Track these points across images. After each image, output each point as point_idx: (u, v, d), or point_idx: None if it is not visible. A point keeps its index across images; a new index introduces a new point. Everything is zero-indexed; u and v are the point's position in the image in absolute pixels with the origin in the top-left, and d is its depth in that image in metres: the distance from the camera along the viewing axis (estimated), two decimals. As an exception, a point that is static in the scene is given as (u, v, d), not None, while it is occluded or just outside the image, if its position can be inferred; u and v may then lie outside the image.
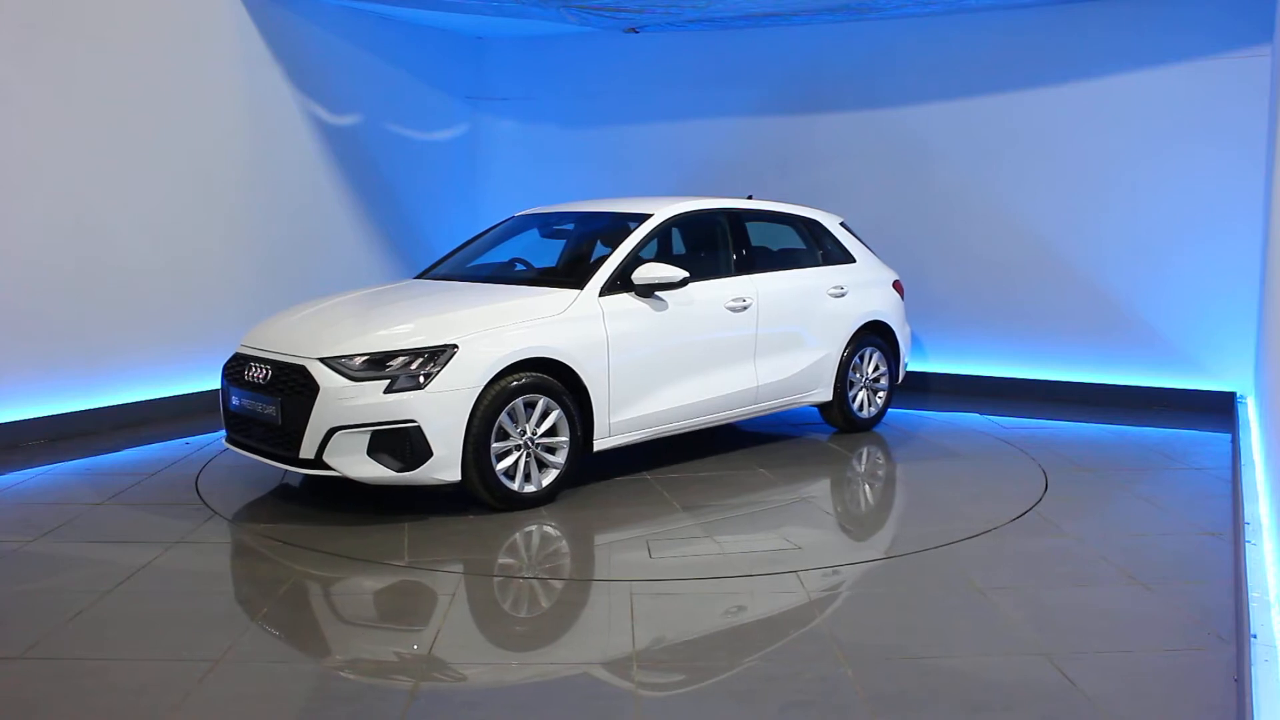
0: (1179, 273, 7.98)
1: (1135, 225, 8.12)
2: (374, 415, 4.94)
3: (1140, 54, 8.00)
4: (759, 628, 4.01)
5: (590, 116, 9.94)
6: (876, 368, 7.21)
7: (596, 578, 4.47)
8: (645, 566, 4.57)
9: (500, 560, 4.70)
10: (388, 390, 4.94)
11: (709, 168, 9.44)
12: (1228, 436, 7.04)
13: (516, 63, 10.17)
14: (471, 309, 5.45)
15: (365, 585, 4.42)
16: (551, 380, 5.30)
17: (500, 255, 6.72)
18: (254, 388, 5.29)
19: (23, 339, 6.64)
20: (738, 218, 6.68)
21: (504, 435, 5.16)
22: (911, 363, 8.83)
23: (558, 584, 4.44)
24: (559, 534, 5.05)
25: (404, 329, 5.26)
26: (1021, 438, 7.09)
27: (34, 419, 6.69)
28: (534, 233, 6.89)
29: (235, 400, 5.45)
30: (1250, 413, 7.27)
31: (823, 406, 7.02)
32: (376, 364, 5.00)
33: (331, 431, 4.95)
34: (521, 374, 5.19)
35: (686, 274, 5.82)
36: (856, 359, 7.02)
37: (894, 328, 7.33)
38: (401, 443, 4.97)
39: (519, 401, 5.18)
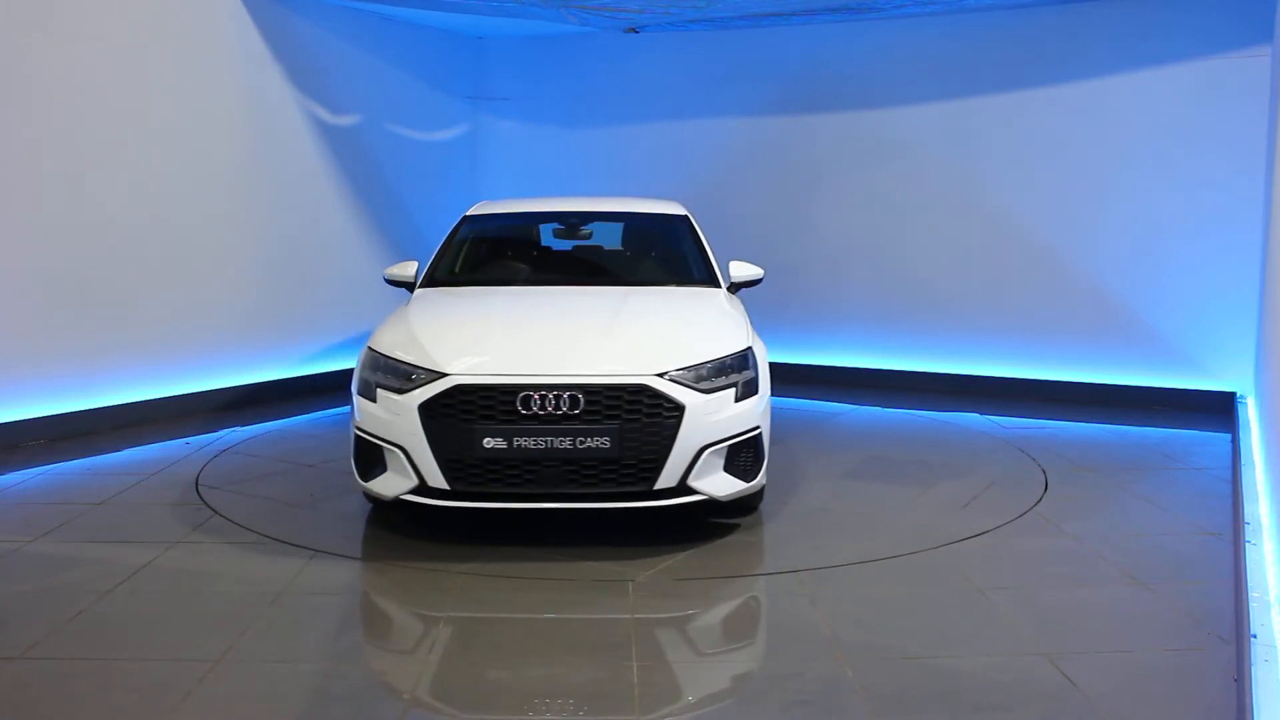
0: (1179, 273, 7.98)
1: (1135, 225, 8.12)
2: (733, 427, 4.70)
3: (1140, 54, 8.00)
4: (759, 627, 4.01)
5: (590, 116, 9.94)
6: None
7: (594, 575, 4.46)
8: (646, 566, 4.57)
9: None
10: (737, 400, 4.75)
11: (709, 168, 9.44)
12: (1228, 436, 7.04)
13: (516, 63, 10.17)
14: (699, 311, 5.38)
15: (365, 585, 4.42)
16: None
17: (515, 257, 6.53)
18: (550, 421, 4.50)
19: (23, 339, 6.64)
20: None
21: None
22: (912, 362, 8.86)
23: (559, 582, 4.43)
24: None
25: (691, 336, 4.97)
26: (1021, 438, 7.09)
27: (34, 419, 6.68)
28: (535, 232, 6.82)
29: (502, 443, 4.49)
30: (1250, 413, 7.27)
31: None
32: (715, 374, 4.73)
33: (701, 451, 4.61)
34: None
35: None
36: None
37: None
38: (747, 453, 4.80)
39: None
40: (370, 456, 4.79)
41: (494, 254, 6.50)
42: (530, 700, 3.38)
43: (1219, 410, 7.72)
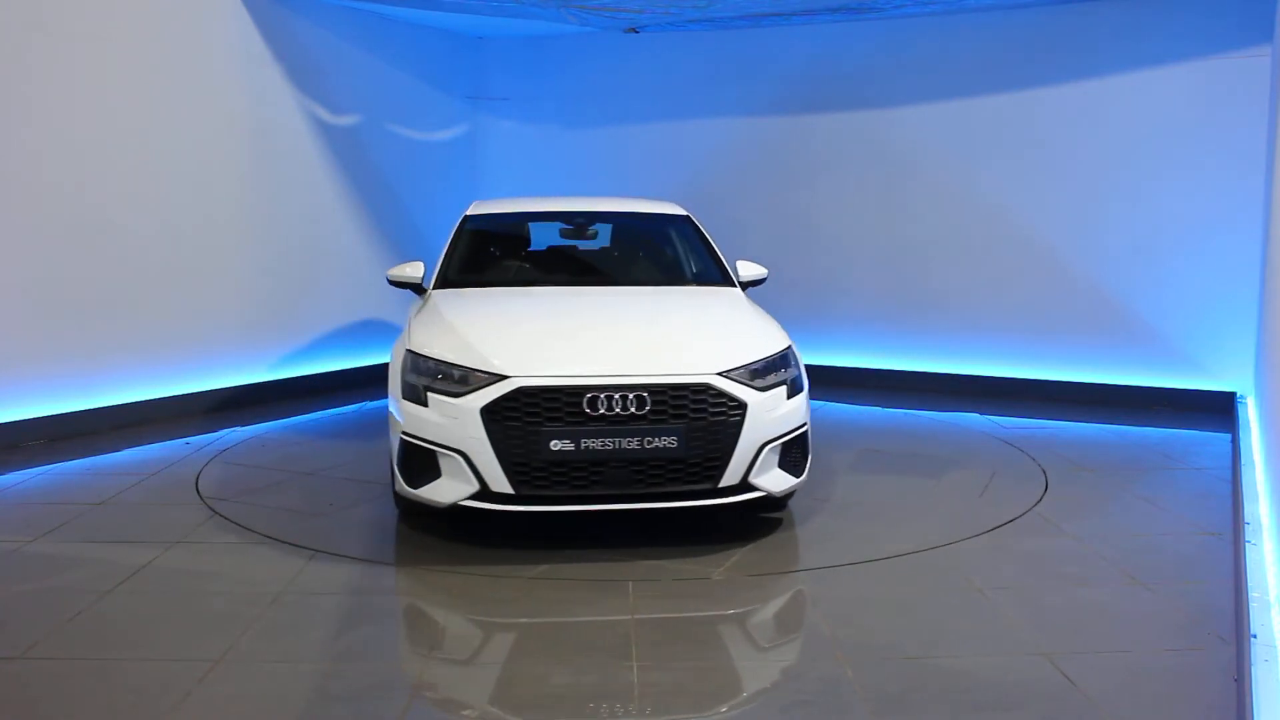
0: (1179, 273, 7.98)
1: (1135, 225, 8.12)
2: (788, 424, 4.79)
3: (1140, 54, 8.00)
4: (759, 627, 4.01)
5: (590, 116, 9.94)
6: None
7: (594, 575, 4.46)
8: (645, 565, 4.57)
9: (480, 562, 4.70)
10: (788, 397, 4.82)
11: (709, 168, 9.44)
12: (1228, 436, 7.04)
13: (516, 63, 10.17)
14: (732, 311, 5.42)
15: (365, 585, 4.41)
16: None
17: (528, 258, 6.52)
18: (617, 421, 4.47)
19: (23, 339, 6.64)
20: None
21: None
22: (912, 362, 8.85)
23: (559, 582, 4.43)
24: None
25: (738, 335, 5.03)
26: (1021, 438, 7.09)
27: (34, 419, 6.68)
28: (537, 231, 6.82)
29: (569, 445, 4.44)
30: (1250, 413, 7.27)
31: None
32: (765, 372, 4.80)
33: (762, 448, 4.66)
34: None
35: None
36: None
37: None
38: (797, 449, 4.90)
39: None
40: (421, 462, 4.65)
41: (507, 254, 6.45)
42: (529, 702, 3.38)
43: (1219, 410, 7.72)
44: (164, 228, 7.40)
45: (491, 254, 6.38)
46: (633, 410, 4.46)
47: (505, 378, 4.51)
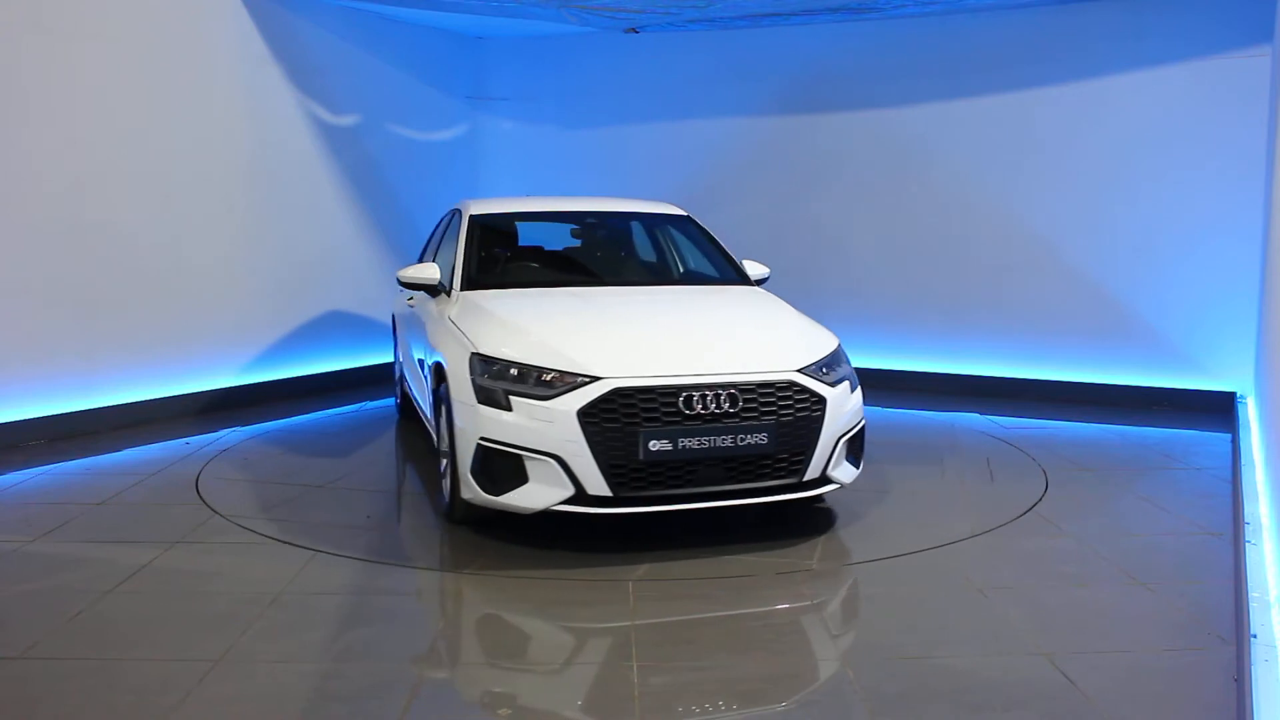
0: (1179, 272, 7.98)
1: (1135, 225, 8.12)
2: (855, 418, 4.98)
3: (1140, 54, 8.00)
4: (759, 627, 4.01)
5: (590, 116, 9.95)
6: None
7: (594, 576, 4.46)
8: (645, 566, 4.56)
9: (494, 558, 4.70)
10: (851, 391, 4.97)
11: (709, 167, 9.44)
12: (1228, 436, 7.04)
13: (516, 63, 10.17)
14: (774, 310, 5.47)
15: (365, 585, 4.42)
16: None
17: (548, 258, 6.47)
18: (712, 419, 4.51)
19: (23, 339, 6.64)
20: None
21: None
22: (912, 362, 8.85)
23: (559, 582, 4.43)
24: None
25: (796, 333, 5.14)
26: (1021, 438, 7.09)
27: (34, 419, 6.69)
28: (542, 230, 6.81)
29: (667, 444, 4.45)
30: (1250, 413, 7.27)
31: None
32: (831, 368, 4.93)
33: (838, 441, 4.81)
34: None
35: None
36: None
37: None
38: (858, 441, 5.06)
39: None
40: (504, 468, 4.55)
41: (524, 255, 6.39)
42: (529, 700, 3.38)
43: (1219, 410, 7.72)
44: (164, 228, 7.40)
45: (507, 254, 6.31)
46: (726, 408, 4.52)
47: (598, 379, 4.48)
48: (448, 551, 4.81)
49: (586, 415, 4.42)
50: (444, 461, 5.16)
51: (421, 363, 5.93)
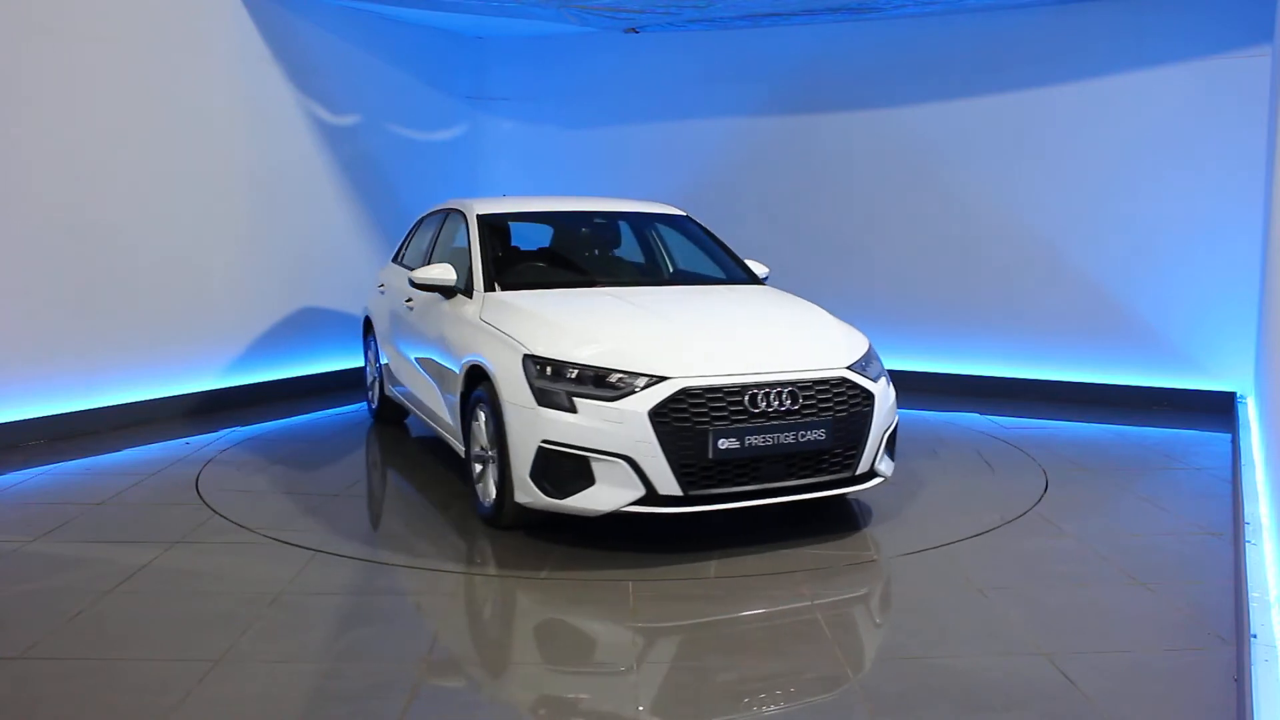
0: (1179, 272, 7.98)
1: (1135, 225, 8.12)
2: (892, 415, 5.08)
3: (1140, 54, 8.00)
4: (759, 628, 4.01)
5: (590, 116, 9.95)
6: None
7: (593, 576, 4.47)
8: (645, 568, 4.56)
9: (502, 566, 4.70)
10: (888, 388, 5.07)
11: (709, 167, 9.44)
12: (1228, 436, 7.04)
13: (516, 63, 10.17)
14: (801, 309, 5.53)
15: (365, 585, 4.42)
16: None
17: (566, 258, 6.41)
18: (775, 417, 4.58)
19: (23, 339, 6.64)
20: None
21: None
22: (912, 362, 8.85)
23: (558, 583, 4.43)
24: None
25: (834, 331, 5.22)
26: (1021, 438, 7.09)
27: (34, 419, 6.69)
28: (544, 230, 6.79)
29: (735, 443, 4.49)
30: (1250, 413, 7.27)
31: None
32: (870, 364, 5.04)
33: (883, 435, 4.95)
34: None
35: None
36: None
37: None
38: (893, 436, 5.13)
39: None
40: (569, 471, 4.51)
41: (542, 256, 6.35)
42: (529, 700, 3.37)
43: (1219, 410, 7.72)
44: (164, 228, 7.40)
45: (522, 255, 6.26)
46: (787, 405, 4.60)
47: (665, 379, 4.49)
48: (448, 551, 4.81)
49: (658, 415, 4.43)
50: (478, 466, 5.09)
51: (434, 365, 5.80)
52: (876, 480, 5.00)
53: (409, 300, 6.33)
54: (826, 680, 3.47)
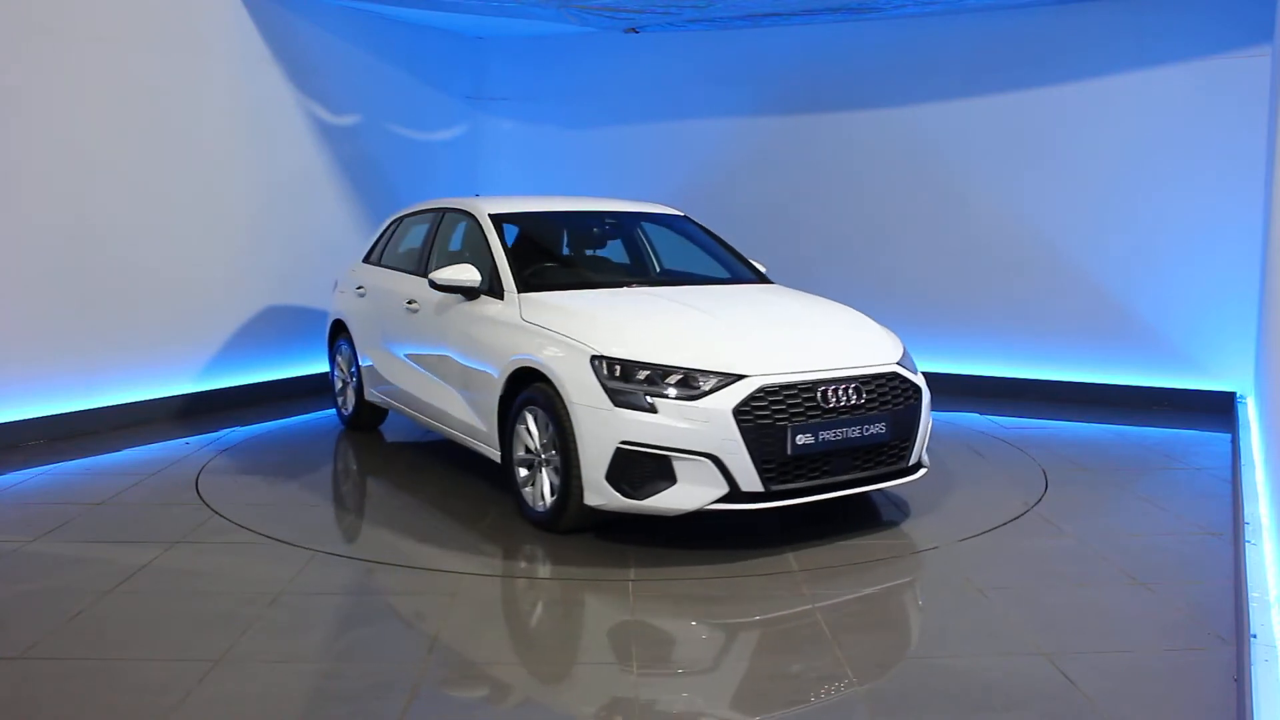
0: (1179, 272, 7.98)
1: (1135, 225, 8.12)
2: (930, 409, 5.24)
3: (1140, 54, 8.00)
4: (759, 627, 4.01)
5: (590, 116, 9.95)
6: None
7: (593, 576, 4.47)
8: (645, 567, 4.56)
9: (520, 563, 4.69)
10: (925, 383, 5.22)
11: (709, 167, 9.44)
12: (1228, 436, 7.04)
13: (516, 63, 10.17)
14: (829, 306, 5.64)
15: (365, 585, 4.42)
16: None
17: (584, 259, 6.41)
18: (844, 412, 4.69)
19: (22, 339, 6.64)
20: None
21: None
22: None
23: (558, 582, 4.43)
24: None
25: (869, 327, 5.38)
26: (1021, 438, 7.09)
27: (34, 419, 6.69)
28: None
29: (810, 438, 4.58)
30: (1250, 413, 7.27)
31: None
32: (907, 359, 5.19)
33: (928, 429, 5.20)
34: None
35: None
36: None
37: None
38: (929, 432, 5.33)
39: None
40: (649, 471, 4.51)
41: (566, 256, 6.32)
42: (529, 700, 3.37)
43: (1219, 410, 7.72)
44: (164, 227, 7.40)
45: (546, 256, 6.18)
46: (854, 400, 4.74)
47: (744, 377, 4.56)
48: (448, 551, 4.81)
49: (740, 413, 4.48)
50: (523, 471, 5.04)
51: (453, 367, 5.62)
52: (922, 472, 5.17)
53: (410, 301, 6.17)
54: (827, 680, 3.47)
